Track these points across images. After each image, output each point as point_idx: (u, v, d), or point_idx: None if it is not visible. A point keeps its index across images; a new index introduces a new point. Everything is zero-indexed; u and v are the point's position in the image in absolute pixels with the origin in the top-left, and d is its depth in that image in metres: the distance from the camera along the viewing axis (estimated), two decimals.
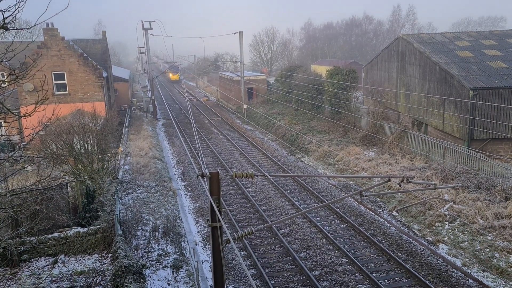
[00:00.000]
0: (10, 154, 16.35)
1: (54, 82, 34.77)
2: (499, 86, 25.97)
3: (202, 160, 13.79)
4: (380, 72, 40.84)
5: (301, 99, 42.96)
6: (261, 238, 18.31)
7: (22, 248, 16.08)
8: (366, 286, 14.48)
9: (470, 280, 14.58)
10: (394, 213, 20.72)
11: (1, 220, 14.14)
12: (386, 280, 14.78)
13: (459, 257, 16.28)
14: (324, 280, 14.95)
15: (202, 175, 7.73)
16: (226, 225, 19.62)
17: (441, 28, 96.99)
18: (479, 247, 16.67)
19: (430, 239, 17.85)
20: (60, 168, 21.19)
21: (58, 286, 14.49)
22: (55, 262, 16.05)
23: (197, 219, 20.91)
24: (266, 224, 9.26)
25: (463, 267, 15.48)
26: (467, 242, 17.12)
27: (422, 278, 14.44)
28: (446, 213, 19.06)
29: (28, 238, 16.27)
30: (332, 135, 35.13)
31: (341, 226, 19.48)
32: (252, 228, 7.83)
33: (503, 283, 14.48)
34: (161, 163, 30.20)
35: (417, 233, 18.57)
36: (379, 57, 41.28)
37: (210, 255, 8.17)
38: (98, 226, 17.20)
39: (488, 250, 16.38)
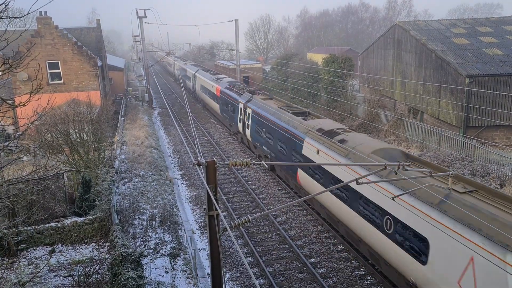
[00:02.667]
0: (5, 144, 16.30)
1: (49, 71, 34.50)
2: (495, 73, 26.00)
3: (198, 149, 13.79)
4: (376, 59, 40.75)
5: (297, 87, 42.86)
6: (258, 226, 18.40)
7: (19, 237, 16.10)
8: (363, 273, 14.63)
9: None
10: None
11: None
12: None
13: None
14: (321, 267, 15.09)
15: (199, 164, 7.74)
16: (223, 214, 19.70)
17: (437, 15, 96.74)
18: None
19: None
20: (56, 158, 21.09)
21: (56, 275, 14.56)
22: (53, 251, 16.09)
23: (194, 208, 20.97)
24: (262, 212, 9.31)
25: None
26: None
27: None
28: None
29: (25, 228, 16.28)
30: None
31: None
32: (249, 216, 7.87)
33: None
34: (157, 152, 30.14)
35: None
36: (375, 45, 41.15)
37: (207, 243, 8.22)
38: (95, 216, 17.22)
39: None
